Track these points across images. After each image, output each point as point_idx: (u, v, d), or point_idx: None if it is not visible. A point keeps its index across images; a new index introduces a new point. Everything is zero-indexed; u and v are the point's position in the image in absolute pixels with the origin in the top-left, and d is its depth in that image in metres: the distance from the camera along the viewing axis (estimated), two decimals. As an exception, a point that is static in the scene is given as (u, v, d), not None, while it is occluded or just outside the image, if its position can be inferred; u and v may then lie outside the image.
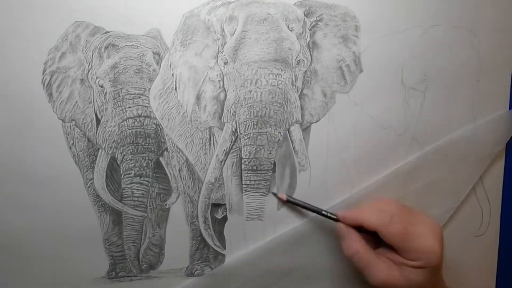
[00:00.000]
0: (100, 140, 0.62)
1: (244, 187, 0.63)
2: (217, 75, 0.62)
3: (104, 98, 0.62)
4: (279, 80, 0.60)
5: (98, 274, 0.64)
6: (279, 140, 0.62)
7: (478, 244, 0.70)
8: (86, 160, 0.63)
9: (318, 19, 0.62)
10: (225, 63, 0.61)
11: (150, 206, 0.64)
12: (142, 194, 0.63)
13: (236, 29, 0.60)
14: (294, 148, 0.63)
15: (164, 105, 0.62)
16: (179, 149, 0.64)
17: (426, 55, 0.64)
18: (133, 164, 0.63)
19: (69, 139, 0.61)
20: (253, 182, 0.63)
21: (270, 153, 0.62)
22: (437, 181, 0.67)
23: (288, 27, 0.60)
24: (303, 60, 0.62)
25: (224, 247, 0.66)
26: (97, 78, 0.61)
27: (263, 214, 0.64)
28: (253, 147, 0.62)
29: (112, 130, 0.62)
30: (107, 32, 0.59)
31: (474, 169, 0.68)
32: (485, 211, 0.70)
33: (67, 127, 0.61)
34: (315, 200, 0.64)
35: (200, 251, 0.66)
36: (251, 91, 0.60)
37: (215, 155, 0.63)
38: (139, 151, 0.62)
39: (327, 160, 0.65)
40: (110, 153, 0.62)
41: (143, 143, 0.62)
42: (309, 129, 0.64)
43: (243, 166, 0.62)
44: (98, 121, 0.62)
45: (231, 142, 0.62)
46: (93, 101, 0.62)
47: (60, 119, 0.61)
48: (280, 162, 0.64)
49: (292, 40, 0.60)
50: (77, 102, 0.62)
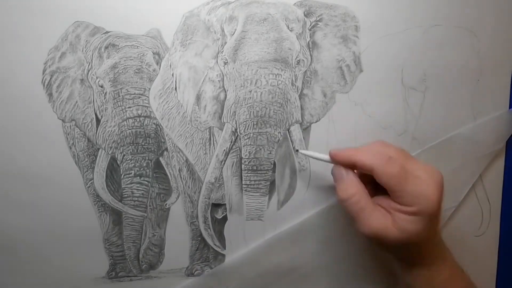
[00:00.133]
0: (100, 140, 0.62)
1: (244, 187, 0.63)
2: (217, 75, 0.62)
3: (104, 98, 0.62)
4: (279, 80, 0.60)
5: (98, 274, 0.64)
6: (279, 140, 0.62)
7: (478, 244, 0.70)
8: (86, 160, 0.63)
9: (318, 19, 0.62)
10: (225, 63, 0.61)
11: (150, 206, 0.64)
12: (142, 194, 0.63)
13: (236, 29, 0.60)
14: (294, 148, 0.63)
15: (164, 105, 0.62)
16: (179, 149, 0.64)
17: (426, 55, 0.64)
18: (133, 164, 0.63)
19: (69, 139, 0.61)
20: (253, 182, 0.63)
21: (270, 153, 0.62)
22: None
23: (288, 27, 0.60)
24: (303, 60, 0.62)
25: (224, 247, 0.66)
26: (97, 78, 0.61)
27: (263, 214, 0.64)
28: (253, 147, 0.61)
29: (112, 130, 0.62)
30: (107, 32, 0.59)
31: (474, 169, 0.68)
32: (485, 211, 0.70)
33: (67, 127, 0.61)
34: (315, 200, 0.64)
35: (200, 251, 0.66)
36: (251, 91, 0.60)
37: (215, 155, 0.63)
38: (139, 151, 0.62)
39: (327, 160, 0.65)
40: (110, 153, 0.62)
41: (143, 143, 0.62)
42: (309, 129, 0.64)
43: (243, 166, 0.62)
44: (98, 121, 0.62)
45: (231, 142, 0.62)
46: (93, 101, 0.62)
47: (60, 119, 0.61)
48: (280, 162, 0.64)
49: (292, 40, 0.60)
50: (77, 102, 0.62)
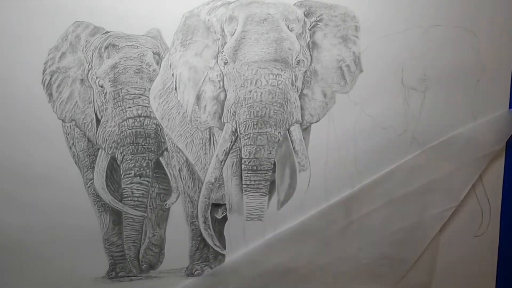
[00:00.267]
0: (100, 140, 0.62)
1: (244, 187, 0.63)
2: (217, 75, 0.62)
3: (104, 98, 0.62)
4: (279, 80, 0.60)
5: (98, 274, 0.64)
6: (279, 140, 0.62)
7: (478, 244, 0.70)
8: (86, 160, 0.63)
9: (318, 19, 0.62)
10: (225, 63, 0.61)
11: (150, 206, 0.64)
12: (142, 194, 0.63)
13: (236, 29, 0.60)
14: (294, 148, 0.63)
15: (164, 105, 0.62)
16: (179, 149, 0.64)
17: (426, 55, 0.64)
18: (133, 164, 0.62)
19: (69, 139, 0.61)
20: (253, 182, 0.63)
21: (270, 153, 0.62)
22: (437, 180, 0.67)
23: (288, 27, 0.60)
24: (303, 60, 0.62)
25: (224, 247, 0.66)
26: (97, 78, 0.61)
27: (263, 214, 0.64)
28: (253, 147, 0.61)
29: (112, 130, 0.62)
30: (107, 32, 0.59)
31: (474, 169, 0.68)
32: (485, 211, 0.70)
33: (67, 127, 0.61)
34: (315, 200, 0.64)
35: (200, 251, 0.66)
36: (251, 91, 0.60)
37: (215, 155, 0.63)
38: (139, 151, 0.62)
39: (327, 160, 0.65)
40: (110, 153, 0.62)
41: (143, 143, 0.62)
42: (309, 129, 0.64)
43: (243, 166, 0.62)
44: (98, 121, 0.62)
45: (231, 142, 0.62)
46: (93, 101, 0.62)
47: (60, 119, 0.61)
48: (280, 162, 0.64)
49: (292, 40, 0.60)
50: (77, 102, 0.62)
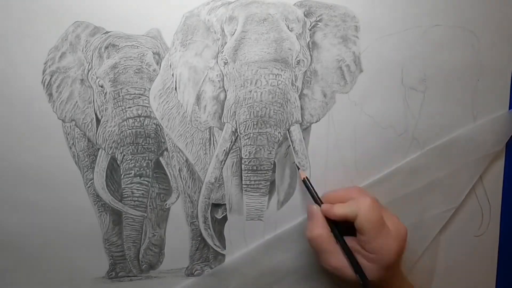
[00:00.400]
0: (100, 140, 0.62)
1: (244, 187, 0.63)
2: (217, 75, 0.62)
3: (104, 98, 0.62)
4: (279, 80, 0.60)
5: (98, 274, 0.64)
6: (279, 140, 0.62)
7: (478, 244, 0.70)
8: (86, 160, 0.63)
9: (318, 19, 0.62)
10: (225, 63, 0.61)
11: (150, 206, 0.64)
12: (142, 194, 0.63)
13: (236, 29, 0.60)
14: (294, 148, 0.63)
15: (164, 105, 0.62)
16: (179, 149, 0.64)
17: (426, 55, 0.64)
18: (133, 164, 0.63)
19: (69, 139, 0.61)
20: (253, 182, 0.63)
21: (270, 153, 0.62)
22: (437, 181, 0.67)
23: (288, 27, 0.60)
24: (303, 60, 0.62)
25: (224, 247, 0.66)
26: (97, 78, 0.61)
27: (263, 214, 0.64)
28: (253, 147, 0.61)
29: (112, 130, 0.62)
30: (107, 32, 0.59)
31: (474, 169, 0.68)
32: (485, 211, 0.70)
33: (67, 127, 0.61)
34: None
35: (200, 251, 0.66)
36: (251, 91, 0.60)
37: (215, 155, 0.63)
38: (139, 151, 0.62)
39: (327, 160, 0.65)
40: (110, 153, 0.62)
41: (143, 143, 0.62)
42: (309, 129, 0.64)
43: (243, 166, 0.62)
44: (98, 121, 0.62)
45: (231, 142, 0.62)
46: (93, 101, 0.62)
47: (60, 119, 0.61)
48: (280, 162, 0.64)
49: (292, 40, 0.60)
50: (77, 102, 0.62)
